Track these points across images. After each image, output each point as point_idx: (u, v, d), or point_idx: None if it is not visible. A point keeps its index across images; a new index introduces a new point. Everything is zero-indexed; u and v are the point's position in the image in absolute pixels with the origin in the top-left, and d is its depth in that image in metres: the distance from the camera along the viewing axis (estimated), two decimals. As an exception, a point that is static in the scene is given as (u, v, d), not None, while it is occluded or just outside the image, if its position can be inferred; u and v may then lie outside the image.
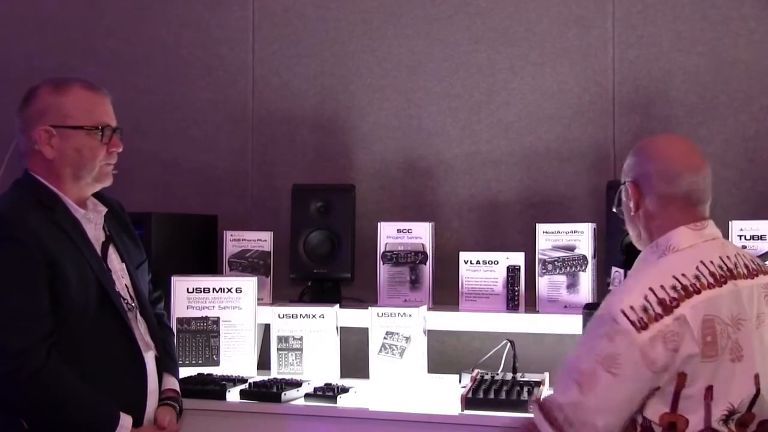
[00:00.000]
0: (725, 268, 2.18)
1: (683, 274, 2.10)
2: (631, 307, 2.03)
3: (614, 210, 2.42)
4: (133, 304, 2.62)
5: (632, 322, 2.02)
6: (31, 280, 2.37)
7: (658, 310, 2.03)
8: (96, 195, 2.66)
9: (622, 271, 2.50)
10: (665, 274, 2.11)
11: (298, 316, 3.37)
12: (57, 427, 2.42)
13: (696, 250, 2.19)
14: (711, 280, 2.13)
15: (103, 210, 2.63)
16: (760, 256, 2.99)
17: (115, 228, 2.68)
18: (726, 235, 3.03)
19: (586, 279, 3.22)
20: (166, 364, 2.74)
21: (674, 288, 2.07)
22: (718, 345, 2.08)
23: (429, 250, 3.47)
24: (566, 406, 2.03)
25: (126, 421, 2.46)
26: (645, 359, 2.02)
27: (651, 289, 2.06)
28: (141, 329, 2.60)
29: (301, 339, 3.36)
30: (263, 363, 3.47)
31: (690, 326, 2.05)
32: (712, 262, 2.17)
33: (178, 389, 2.75)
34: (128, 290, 2.62)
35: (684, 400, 2.06)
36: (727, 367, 2.09)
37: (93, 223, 2.59)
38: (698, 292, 2.09)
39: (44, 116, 2.50)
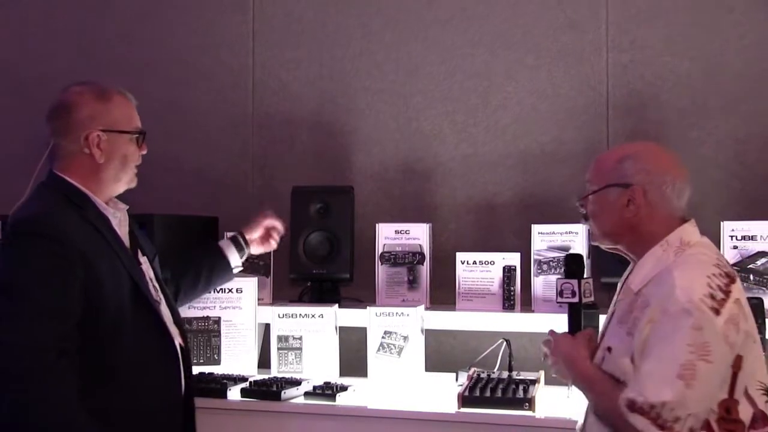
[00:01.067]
0: (726, 259, 2.27)
1: (717, 264, 2.17)
2: (704, 296, 2.07)
3: (583, 212, 2.40)
4: (159, 296, 2.66)
5: (711, 309, 2.05)
6: (59, 279, 2.37)
7: (722, 295, 2.08)
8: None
9: (574, 281, 2.47)
10: (707, 264, 2.15)
11: (298, 315, 3.38)
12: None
13: (704, 243, 2.27)
14: (731, 269, 2.21)
15: (124, 207, 2.69)
16: (750, 257, 3.03)
17: (131, 224, 2.73)
18: (717, 236, 3.08)
19: (581, 279, 3.24)
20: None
21: (721, 275, 2.13)
22: (752, 325, 2.17)
23: (426, 251, 3.48)
24: (673, 403, 2.01)
25: None
26: (727, 342, 2.06)
27: (708, 278, 2.10)
28: (168, 319, 2.64)
29: (300, 338, 3.37)
30: (263, 362, 3.47)
31: (743, 307, 2.13)
32: (719, 254, 2.26)
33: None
34: (152, 283, 2.67)
35: (739, 383, 2.10)
36: (756, 347, 2.17)
37: (118, 221, 2.63)
38: (734, 277, 2.17)
39: (93, 121, 2.56)
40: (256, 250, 3.34)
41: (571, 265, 2.50)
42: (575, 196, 2.44)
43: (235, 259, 3.26)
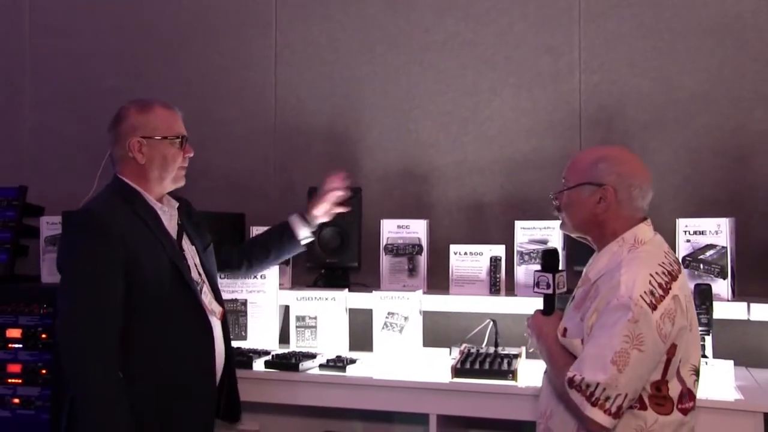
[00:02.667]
0: (673, 256, 2.25)
1: (662, 262, 2.15)
2: (644, 293, 2.06)
3: (556, 204, 2.38)
4: (201, 279, 2.69)
5: (649, 305, 2.05)
6: (110, 270, 2.43)
7: (660, 292, 2.07)
8: (177, 197, 2.79)
9: (550, 275, 2.39)
10: (652, 263, 2.14)
11: (313, 298, 3.40)
12: (75, 412, 2.41)
13: (655, 242, 2.25)
14: (676, 266, 2.19)
15: (176, 204, 2.74)
16: (700, 249, 3.05)
17: (186, 218, 2.78)
18: (673, 231, 3.09)
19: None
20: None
21: (663, 273, 2.11)
22: (690, 317, 2.17)
23: (424, 243, 3.48)
24: (605, 384, 2.02)
25: None
26: (660, 334, 2.05)
27: (651, 275, 2.09)
28: (207, 299, 2.66)
29: (315, 318, 3.38)
30: (284, 338, 3.48)
31: (681, 303, 2.12)
32: (667, 252, 2.24)
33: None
34: (197, 268, 2.70)
35: (671, 367, 2.11)
36: (692, 335, 2.17)
37: (168, 215, 2.68)
38: (676, 275, 2.16)
39: (136, 130, 2.61)
40: (324, 219, 3.19)
41: (547, 259, 2.44)
42: (551, 190, 2.41)
43: (303, 232, 3.14)
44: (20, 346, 3.33)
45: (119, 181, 2.64)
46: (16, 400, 3.30)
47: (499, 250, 3.36)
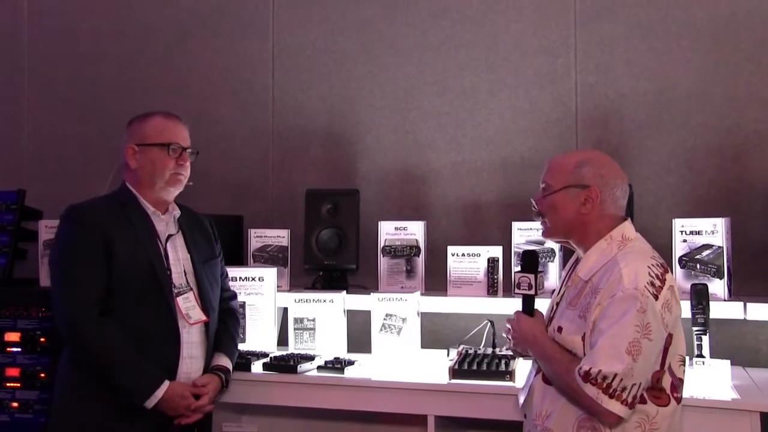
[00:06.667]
0: (656, 253, 2.29)
1: (653, 256, 2.21)
2: (647, 283, 2.10)
3: (536, 209, 2.38)
4: (186, 287, 2.73)
5: (652, 294, 2.08)
6: (87, 256, 2.58)
7: (659, 283, 2.12)
8: (188, 209, 2.90)
9: (532, 276, 2.37)
10: (646, 256, 2.18)
11: (311, 300, 3.40)
12: (104, 383, 2.55)
13: (640, 238, 2.29)
14: (662, 260, 2.23)
15: (177, 213, 2.82)
16: (696, 249, 3.05)
17: (190, 229, 2.85)
18: (670, 231, 3.10)
19: (554, 268, 3.24)
20: (222, 344, 2.87)
21: (658, 266, 2.16)
22: (679, 308, 2.21)
23: (422, 245, 3.48)
24: (622, 374, 2.05)
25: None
26: (662, 323, 2.10)
27: (649, 268, 2.13)
28: (185, 305, 2.70)
29: (314, 320, 3.38)
30: (282, 340, 3.49)
31: (675, 293, 2.16)
32: (652, 248, 2.28)
33: (227, 366, 2.85)
34: (185, 275, 2.75)
35: (669, 357, 2.15)
36: (679, 325, 2.20)
37: (164, 221, 2.77)
38: (667, 268, 2.20)
39: (131, 138, 2.77)
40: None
41: (528, 260, 2.43)
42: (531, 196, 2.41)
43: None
44: (19, 349, 3.34)
45: (122, 186, 2.80)
46: (15, 404, 3.30)
47: (497, 252, 3.36)
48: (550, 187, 2.33)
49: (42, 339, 3.32)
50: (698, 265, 3.04)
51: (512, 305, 3.19)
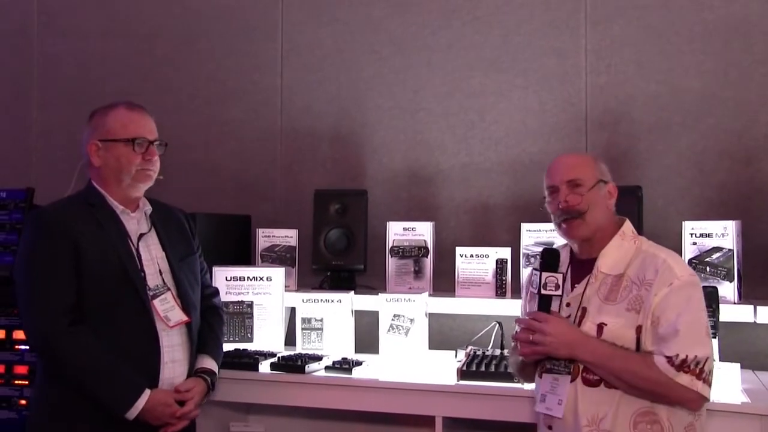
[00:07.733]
0: None
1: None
2: (693, 270, 2.25)
3: (583, 209, 2.29)
4: (163, 287, 2.56)
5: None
6: (54, 264, 2.43)
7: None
8: (159, 203, 2.72)
9: (559, 276, 2.30)
10: (662, 247, 2.29)
11: (319, 300, 3.39)
12: (82, 396, 2.41)
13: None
14: None
15: (149, 210, 2.66)
16: (706, 252, 3.04)
17: (163, 225, 2.68)
18: (679, 234, 3.10)
19: (562, 270, 3.24)
20: (207, 345, 2.71)
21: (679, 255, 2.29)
22: None
23: (430, 246, 3.48)
24: (710, 356, 2.13)
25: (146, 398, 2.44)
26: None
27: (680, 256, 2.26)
28: (163, 307, 2.54)
29: (321, 320, 3.38)
30: (290, 340, 3.49)
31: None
32: None
33: (212, 368, 2.68)
34: (161, 275, 2.59)
35: None
36: None
37: (135, 219, 2.61)
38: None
39: (94, 134, 2.58)
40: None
41: (549, 259, 2.35)
42: (550, 199, 2.39)
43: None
44: (27, 347, 3.34)
45: (88, 185, 2.62)
46: (23, 402, 3.31)
47: (505, 253, 3.35)
48: (585, 183, 2.30)
49: (50, 337, 3.31)
50: (708, 268, 3.03)
51: (520, 306, 3.21)
